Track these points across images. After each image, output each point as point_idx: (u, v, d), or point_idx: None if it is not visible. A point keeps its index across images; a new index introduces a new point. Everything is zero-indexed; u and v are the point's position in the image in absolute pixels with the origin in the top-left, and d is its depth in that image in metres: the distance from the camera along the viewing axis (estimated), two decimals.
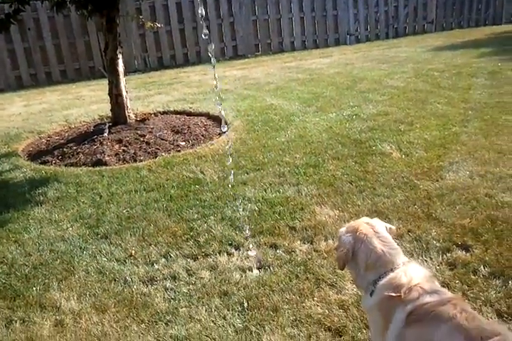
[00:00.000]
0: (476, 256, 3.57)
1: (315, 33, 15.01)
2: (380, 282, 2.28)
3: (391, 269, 2.29)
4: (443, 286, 2.69)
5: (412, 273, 2.24)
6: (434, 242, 3.77)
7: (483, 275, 3.36)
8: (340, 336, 2.96)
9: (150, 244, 4.11)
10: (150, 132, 6.84)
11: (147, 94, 9.90)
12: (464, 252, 3.64)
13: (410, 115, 6.90)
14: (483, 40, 13.67)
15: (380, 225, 2.47)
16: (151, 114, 7.88)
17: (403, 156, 5.47)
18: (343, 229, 2.50)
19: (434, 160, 5.27)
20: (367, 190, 4.72)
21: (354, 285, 3.11)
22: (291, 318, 3.14)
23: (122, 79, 7.07)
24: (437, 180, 4.81)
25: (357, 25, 15.40)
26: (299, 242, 3.97)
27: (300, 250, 3.86)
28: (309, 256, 3.77)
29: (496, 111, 6.76)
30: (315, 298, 3.31)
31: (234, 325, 3.13)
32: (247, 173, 5.39)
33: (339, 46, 14.96)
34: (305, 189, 4.85)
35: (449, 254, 3.61)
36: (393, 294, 2.17)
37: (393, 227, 2.56)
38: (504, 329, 1.98)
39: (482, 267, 3.44)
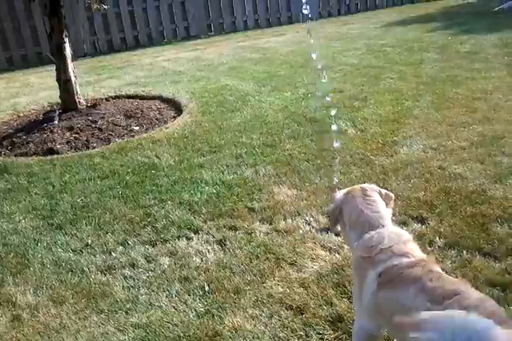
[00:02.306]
0: (431, 227, 3.64)
1: (267, 12, 14.86)
2: (359, 241, 2.34)
3: (370, 230, 2.34)
4: None
5: (387, 236, 2.28)
6: (391, 216, 3.80)
7: (438, 246, 3.43)
8: (302, 314, 2.98)
9: (107, 233, 4.02)
10: (102, 118, 6.66)
11: (98, 79, 9.62)
12: (419, 225, 3.71)
13: (364, 91, 6.94)
14: (434, 15, 13.84)
15: (372, 189, 2.52)
16: (102, 99, 7.65)
17: (358, 133, 5.51)
18: (337, 193, 2.60)
19: (389, 135, 5.33)
20: (324, 167, 4.74)
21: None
22: (253, 299, 3.14)
23: (70, 64, 6.83)
24: (392, 155, 4.87)
25: (309, 3, 15.28)
26: (258, 223, 3.96)
27: (260, 231, 3.85)
28: (269, 236, 3.77)
29: (447, 85, 6.87)
30: (276, 278, 3.31)
31: (195, 310, 3.10)
32: (204, 156, 5.33)
33: (292, 24, 14.85)
34: (263, 169, 4.83)
35: (405, 227, 3.65)
36: (365, 255, 2.25)
37: (390, 193, 2.60)
38: (465, 288, 2.01)
39: (437, 238, 3.51)
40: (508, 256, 3.25)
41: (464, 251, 3.34)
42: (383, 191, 2.57)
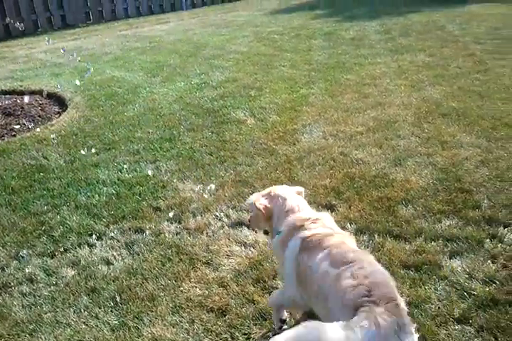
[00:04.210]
0: (341, 214, 3.67)
1: None
2: (288, 219, 2.54)
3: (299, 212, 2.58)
4: None
5: (315, 213, 2.60)
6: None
7: (350, 232, 3.44)
8: (225, 315, 2.85)
9: None
10: None
11: None
12: (329, 212, 3.71)
13: (258, 80, 6.90)
14: (316, 2, 14.20)
15: (288, 188, 2.75)
16: None
17: (258, 122, 5.44)
18: (253, 197, 2.74)
19: (288, 124, 5.33)
20: (228, 160, 4.62)
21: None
22: (171, 305, 2.95)
23: None
24: (294, 144, 4.87)
25: None
26: (166, 223, 3.75)
27: (169, 231, 3.65)
28: (179, 236, 3.58)
29: (337, 71, 7.03)
30: (192, 280, 3.14)
31: (109, 323, 2.85)
32: (98, 154, 4.97)
33: (175, 12, 14.49)
34: (164, 165, 4.60)
35: None
36: (298, 223, 2.47)
37: (301, 189, 2.82)
38: (364, 258, 2.18)
39: (348, 224, 3.54)
40: (417, 237, 3.36)
41: (376, 235, 3.40)
42: (296, 189, 2.79)
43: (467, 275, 2.98)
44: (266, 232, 2.83)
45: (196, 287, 3.08)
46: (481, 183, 3.93)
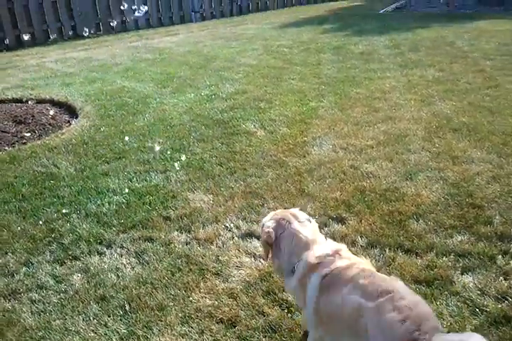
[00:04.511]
0: (352, 227, 3.66)
1: (159, 11, 14.48)
2: (303, 257, 2.38)
3: (313, 246, 2.42)
4: None
5: (328, 246, 2.41)
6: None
7: (361, 245, 3.45)
8: (234, 326, 2.83)
9: (6, 253, 3.59)
10: None
11: None
12: (340, 225, 3.71)
13: (268, 92, 6.93)
14: (324, 17, 14.31)
15: (301, 214, 2.57)
16: None
17: (268, 134, 5.46)
18: (266, 218, 2.59)
19: (298, 136, 5.33)
20: (238, 171, 4.62)
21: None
22: (180, 315, 2.94)
23: None
24: (304, 156, 4.87)
25: (201, 2, 15.16)
26: (176, 232, 3.74)
27: (178, 241, 3.64)
28: (189, 246, 3.57)
29: (347, 85, 7.06)
30: (202, 290, 3.13)
31: (118, 332, 2.84)
32: (108, 163, 4.99)
33: (185, 24, 14.61)
34: (174, 175, 4.61)
35: (326, 228, 3.65)
36: (315, 262, 2.32)
37: (312, 219, 2.61)
38: (399, 286, 2.07)
39: (359, 238, 3.53)
40: (428, 252, 3.34)
41: (387, 249, 3.38)
42: (307, 217, 2.61)
43: (479, 292, 2.96)
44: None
45: (206, 297, 3.07)
46: (493, 199, 3.91)
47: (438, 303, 2.87)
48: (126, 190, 4.38)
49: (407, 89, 6.78)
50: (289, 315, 2.86)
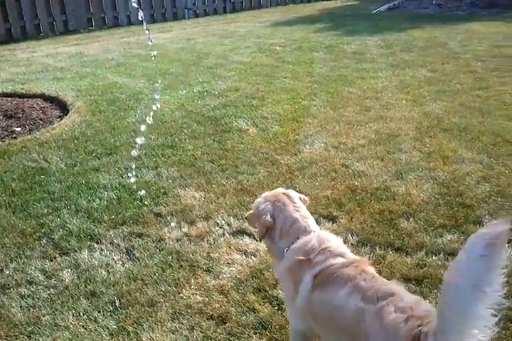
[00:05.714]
0: (343, 225, 3.67)
1: (152, 7, 14.40)
2: (291, 247, 2.32)
3: (303, 235, 2.34)
4: None
5: (322, 238, 2.31)
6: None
7: (352, 243, 3.46)
8: (225, 323, 2.84)
9: None
10: None
11: None
12: (331, 223, 3.73)
13: (260, 90, 6.93)
14: (317, 16, 14.32)
15: (295, 195, 2.53)
16: None
17: (260, 132, 5.46)
18: (260, 200, 2.51)
19: (290, 134, 5.34)
20: (229, 168, 4.62)
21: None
22: (170, 311, 2.94)
23: None
24: (296, 154, 4.88)
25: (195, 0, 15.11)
26: (167, 229, 3.74)
27: (169, 237, 3.64)
28: (180, 243, 3.57)
29: (339, 84, 7.08)
30: (192, 287, 3.13)
31: (108, 327, 2.83)
32: (99, 158, 4.96)
33: (178, 21, 14.54)
34: (165, 172, 4.60)
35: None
36: (303, 258, 2.23)
37: (306, 198, 2.60)
38: (399, 290, 2.03)
39: (350, 236, 3.54)
40: (418, 251, 3.36)
41: (377, 248, 3.40)
42: (302, 196, 2.59)
43: None
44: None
45: (196, 294, 3.07)
46: (483, 199, 3.94)
47: (428, 302, 2.88)
48: (117, 186, 4.37)
49: (399, 89, 6.82)
50: (280, 311, 2.87)
